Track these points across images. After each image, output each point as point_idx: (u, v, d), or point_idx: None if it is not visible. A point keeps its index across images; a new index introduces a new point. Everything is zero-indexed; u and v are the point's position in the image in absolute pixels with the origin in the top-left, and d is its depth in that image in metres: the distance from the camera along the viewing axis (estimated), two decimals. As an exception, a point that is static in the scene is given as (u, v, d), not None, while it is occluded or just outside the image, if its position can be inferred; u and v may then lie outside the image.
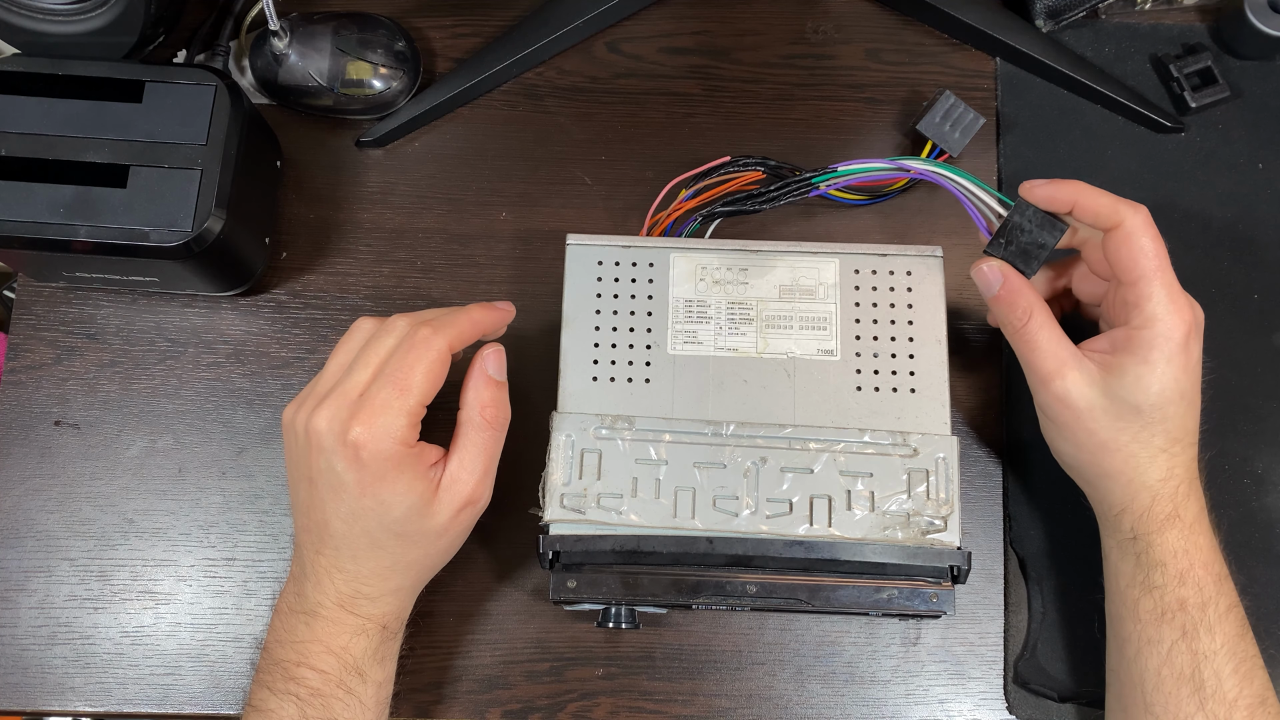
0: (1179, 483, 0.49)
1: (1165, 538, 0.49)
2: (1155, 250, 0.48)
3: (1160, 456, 0.49)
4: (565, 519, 0.51)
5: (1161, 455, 0.49)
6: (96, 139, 0.53)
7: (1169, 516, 0.49)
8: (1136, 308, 0.48)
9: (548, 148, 0.65)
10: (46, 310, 0.62)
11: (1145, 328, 0.48)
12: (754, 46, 0.66)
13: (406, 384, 0.47)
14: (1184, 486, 0.49)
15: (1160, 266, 0.48)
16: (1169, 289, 0.48)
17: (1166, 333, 0.48)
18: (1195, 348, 0.49)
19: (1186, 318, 0.48)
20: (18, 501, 0.59)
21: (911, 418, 0.53)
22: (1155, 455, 0.49)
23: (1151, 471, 0.49)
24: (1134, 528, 0.50)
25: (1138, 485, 0.49)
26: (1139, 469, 0.49)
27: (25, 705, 0.57)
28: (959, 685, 0.57)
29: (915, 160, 0.55)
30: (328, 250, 0.63)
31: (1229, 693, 0.47)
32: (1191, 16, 0.66)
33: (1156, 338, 0.48)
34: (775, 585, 0.51)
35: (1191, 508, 0.49)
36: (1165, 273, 0.48)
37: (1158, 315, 0.48)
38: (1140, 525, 0.49)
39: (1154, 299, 0.48)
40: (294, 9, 0.63)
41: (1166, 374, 0.48)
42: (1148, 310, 0.48)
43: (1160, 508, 0.49)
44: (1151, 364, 0.48)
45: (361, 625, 0.49)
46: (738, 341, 0.54)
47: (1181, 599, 0.48)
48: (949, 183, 0.53)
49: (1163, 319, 0.48)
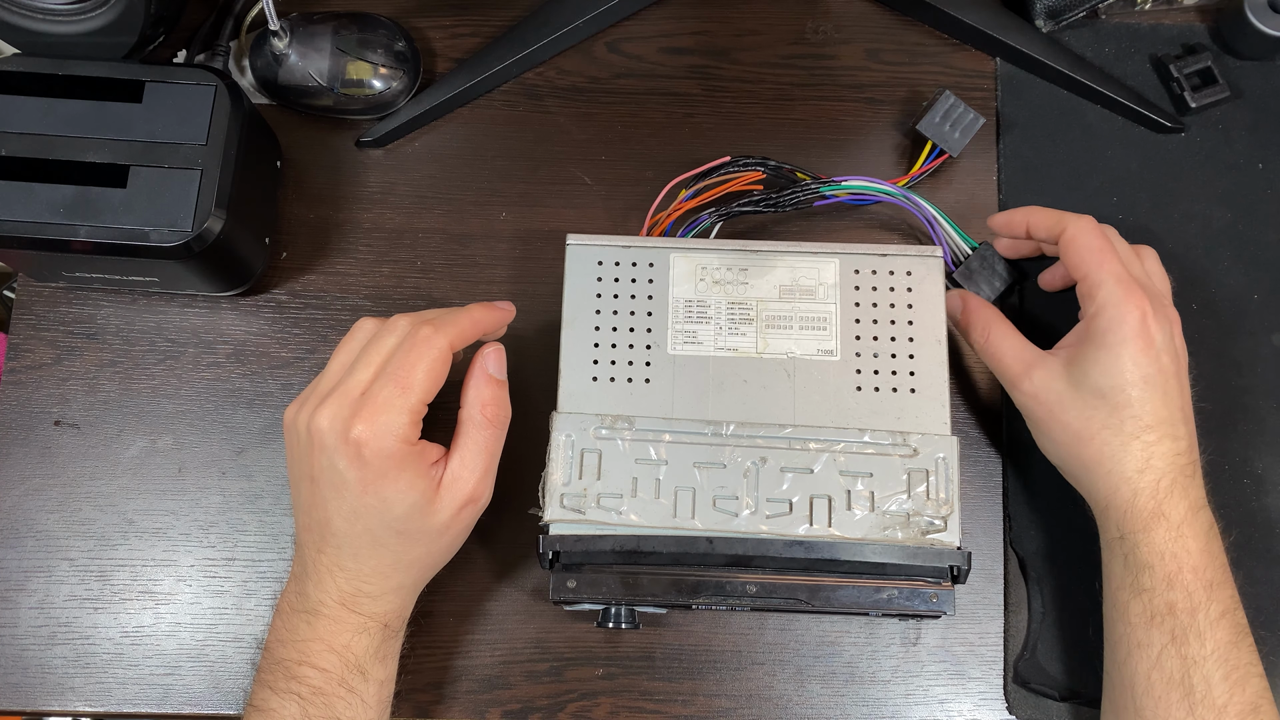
0: (1159, 476, 0.49)
1: (1151, 538, 0.49)
2: (1099, 245, 0.51)
3: (1133, 444, 0.50)
4: (565, 519, 0.51)
5: (1134, 443, 0.50)
6: (96, 139, 0.53)
7: (1153, 514, 0.49)
8: (1089, 298, 0.51)
9: (548, 148, 0.65)
10: (46, 310, 0.62)
11: (1098, 315, 0.50)
12: (754, 46, 0.66)
13: (408, 382, 0.47)
14: (1165, 481, 0.49)
15: (1104, 259, 0.51)
16: (1116, 277, 0.50)
17: (1118, 316, 0.50)
18: (1156, 333, 0.50)
19: (1139, 303, 0.50)
20: (18, 501, 0.59)
21: (911, 418, 0.53)
22: (1127, 443, 0.50)
23: (1127, 461, 0.50)
24: (1120, 526, 0.50)
25: (1116, 476, 0.50)
26: (1114, 458, 0.50)
27: (25, 705, 0.57)
28: (959, 685, 0.57)
29: (922, 200, 0.60)
30: (328, 250, 0.63)
31: (1219, 699, 0.47)
32: (1191, 16, 0.66)
33: (1109, 321, 0.50)
34: (775, 585, 0.51)
35: (1178, 507, 0.49)
36: (1111, 264, 0.51)
37: (1108, 301, 0.50)
38: (1125, 523, 0.50)
39: (1103, 286, 0.50)
40: (294, 9, 0.63)
41: (1123, 355, 0.50)
42: (1099, 298, 0.51)
43: (1142, 504, 0.49)
44: (1108, 347, 0.50)
45: (363, 624, 0.49)
46: (738, 341, 0.54)
47: (1170, 603, 0.48)
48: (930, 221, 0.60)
49: (1113, 304, 0.50)
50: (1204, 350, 0.60)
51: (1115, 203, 0.63)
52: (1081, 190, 0.63)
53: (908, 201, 0.59)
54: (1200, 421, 0.53)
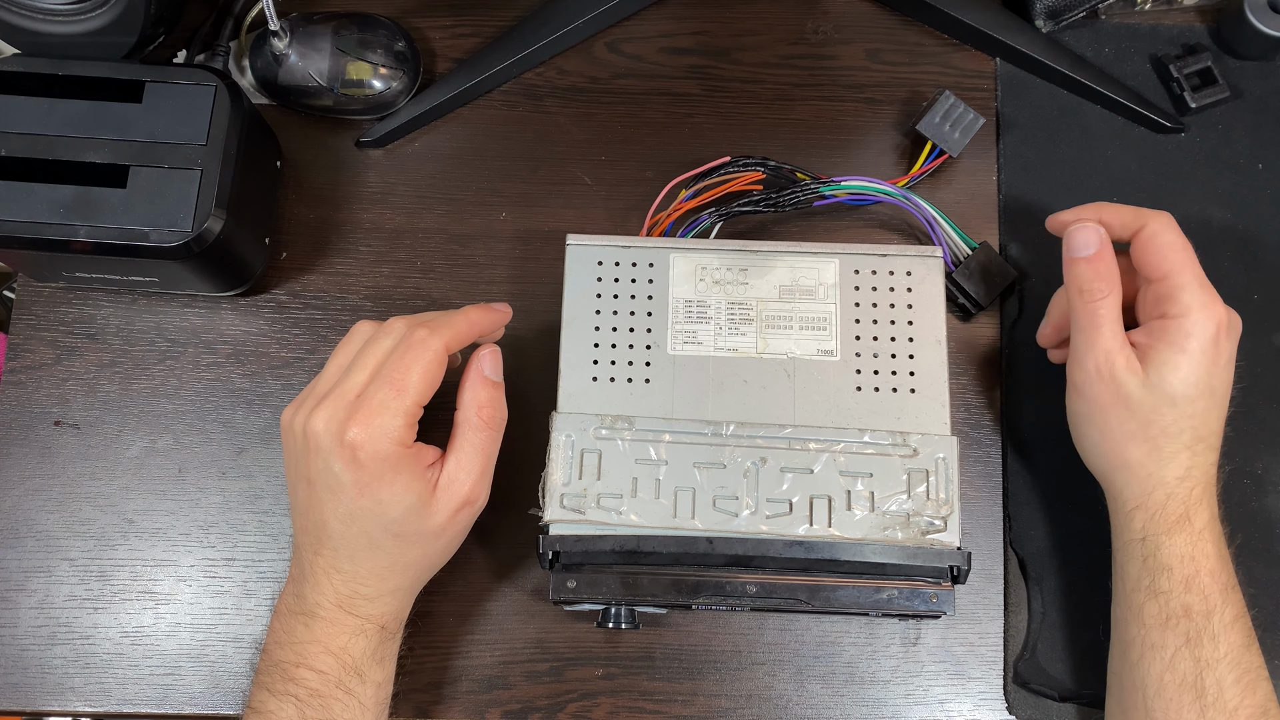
0: (1195, 484, 0.49)
1: (1174, 540, 0.49)
2: (1184, 244, 0.50)
3: (1183, 454, 0.49)
4: (565, 519, 0.51)
5: (1184, 453, 0.49)
6: (96, 139, 0.53)
7: (1179, 519, 0.49)
8: (1171, 299, 0.49)
9: (548, 148, 0.65)
10: (46, 310, 0.62)
11: (1182, 316, 0.49)
12: (754, 46, 0.66)
13: (403, 385, 0.47)
14: (1199, 490, 0.49)
15: (1189, 260, 0.50)
16: (1201, 282, 0.49)
17: (1202, 321, 0.49)
18: (1227, 347, 0.50)
19: (1219, 313, 0.49)
20: (18, 501, 0.59)
21: (911, 418, 0.53)
22: (1178, 452, 0.49)
23: (1171, 468, 0.49)
24: (1145, 527, 0.50)
25: (1155, 480, 0.50)
26: (1160, 463, 0.50)
27: (25, 705, 0.57)
28: (959, 685, 0.57)
29: (922, 201, 0.60)
30: (328, 250, 0.63)
31: (1230, 701, 0.47)
32: (1191, 16, 0.66)
33: (1193, 325, 0.49)
34: (775, 585, 0.51)
35: (1203, 514, 0.49)
36: (1195, 267, 0.50)
37: (1193, 305, 0.49)
38: (1151, 525, 0.50)
39: (1187, 289, 0.49)
40: (294, 9, 0.63)
41: (1200, 364, 0.49)
42: (1183, 300, 0.49)
43: (1173, 508, 0.49)
44: (1189, 352, 0.49)
45: (360, 626, 0.49)
46: (738, 341, 0.54)
47: (1186, 605, 0.48)
48: (930, 222, 0.60)
49: (1198, 309, 0.49)
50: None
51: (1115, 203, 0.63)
52: (1081, 190, 0.63)
53: (907, 202, 0.59)
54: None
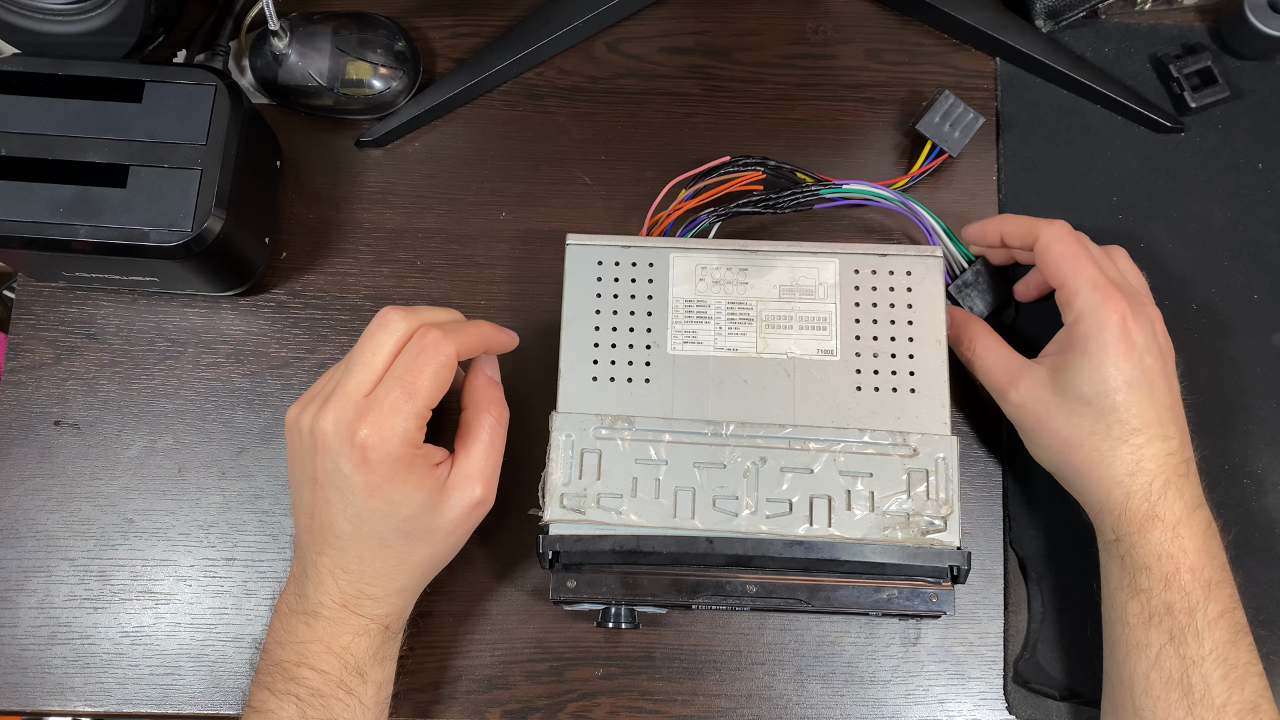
0: (1150, 478, 0.49)
1: (1147, 539, 0.49)
2: (1073, 252, 0.51)
3: (1121, 448, 0.50)
4: (565, 519, 0.51)
5: (1122, 447, 0.50)
6: (96, 139, 0.53)
7: (1147, 516, 0.49)
8: (1068, 306, 0.51)
9: (548, 148, 0.65)
10: (46, 310, 0.62)
11: (1078, 322, 0.50)
12: (754, 46, 0.66)
13: (415, 387, 0.47)
14: (1158, 482, 0.49)
15: (1079, 265, 0.51)
16: (1093, 283, 0.50)
17: (1098, 322, 0.50)
18: (1137, 335, 0.50)
19: (1118, 307, 0.50)
20: (18, 501, 0.59)
21: (911, 418, 0.53)
22: (1115, 447, 0.50)
23: (1117, 465, 0.50)
24: (1115, 528, 0.50)
25: (1108, 481, 0.50)
26: (1104, 462, 0.50)
27: (25, 705, 0.57)
28: (959, 685, 0.57)
29: (923, 210, 0.59)
30: (328, 250, 0.63)
31: (1217, 698, 0.47)
32: (1191, 16, 0.66)
33: (1090, 328, 0.50)
34: (775, 585, 0.51)
35: (1173, 508, 0.49)
36: (1087, 269, 0.51)
37: (1086, 308, 0.50)
38: (1120, 526, 0.50)
39: (1080, 294, 0.50)
40: (294, 9, 0.63)
41: (1105, 361, 0.49)
42: (1077, 305, 0.51)
43: (1136, 506, 0.49)
44: (1090, 354, 0.50)
45: (364, 625, 0.49)
46: (737, 341, 0.54)
47: (1168, 603, 0.48)
48: (930, 231, 0.60)
49: (1091, 310, 0.50)
50: (1204, 350, 0.60)
51: (1115, 203, 0.63)
52: (1081, 190, 0.63)
53: (907, 210, 0.59)
54: (1199, 421, 0.53)
